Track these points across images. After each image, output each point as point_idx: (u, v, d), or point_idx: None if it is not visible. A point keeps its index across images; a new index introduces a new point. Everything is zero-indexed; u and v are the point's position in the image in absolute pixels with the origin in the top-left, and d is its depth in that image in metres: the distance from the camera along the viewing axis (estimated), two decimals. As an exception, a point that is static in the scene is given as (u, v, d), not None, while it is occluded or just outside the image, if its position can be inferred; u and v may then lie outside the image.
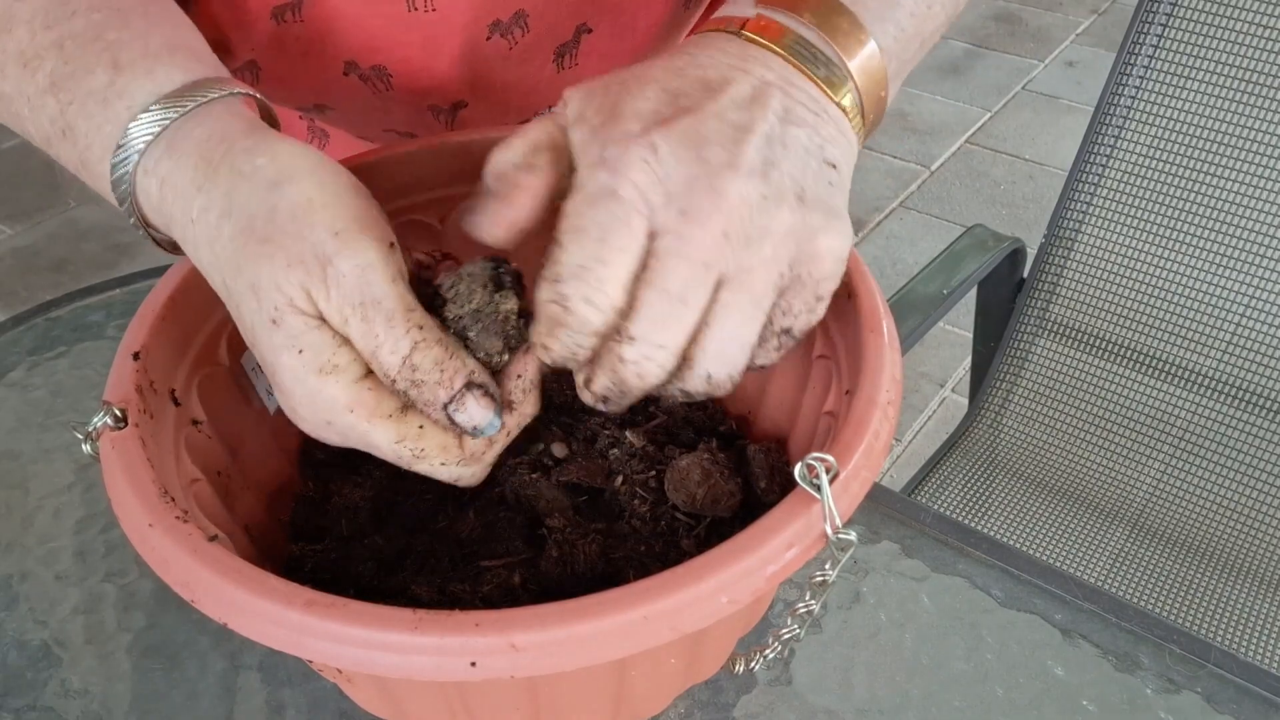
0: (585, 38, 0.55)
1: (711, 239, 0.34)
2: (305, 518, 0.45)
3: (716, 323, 0.35)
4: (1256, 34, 0.93)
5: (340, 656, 0.30)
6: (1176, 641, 0.48)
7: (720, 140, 0.34)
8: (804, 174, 0.35)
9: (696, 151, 0.34)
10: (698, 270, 0.34)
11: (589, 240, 0.33)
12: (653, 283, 0.34)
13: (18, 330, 0.69)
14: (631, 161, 0.34)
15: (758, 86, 0.36)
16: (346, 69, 0.52)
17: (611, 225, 0.33)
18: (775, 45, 0.37)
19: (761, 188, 0.34)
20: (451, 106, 0.56)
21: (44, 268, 2.04)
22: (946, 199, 2.27)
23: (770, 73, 0.37)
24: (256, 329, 0.35)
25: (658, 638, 0.30)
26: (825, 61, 0.37)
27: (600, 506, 0.44)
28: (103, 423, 0.36)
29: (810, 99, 0.37)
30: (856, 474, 0.34)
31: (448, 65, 0.53)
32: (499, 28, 0.52)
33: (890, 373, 0.38)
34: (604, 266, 0.33)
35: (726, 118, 0.35)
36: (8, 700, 0.47)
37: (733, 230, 0.34)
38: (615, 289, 0.34)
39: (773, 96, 0.36)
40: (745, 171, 0.34)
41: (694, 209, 0.33)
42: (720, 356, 0.35)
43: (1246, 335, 0.98)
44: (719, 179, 0.34)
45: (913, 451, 1.72)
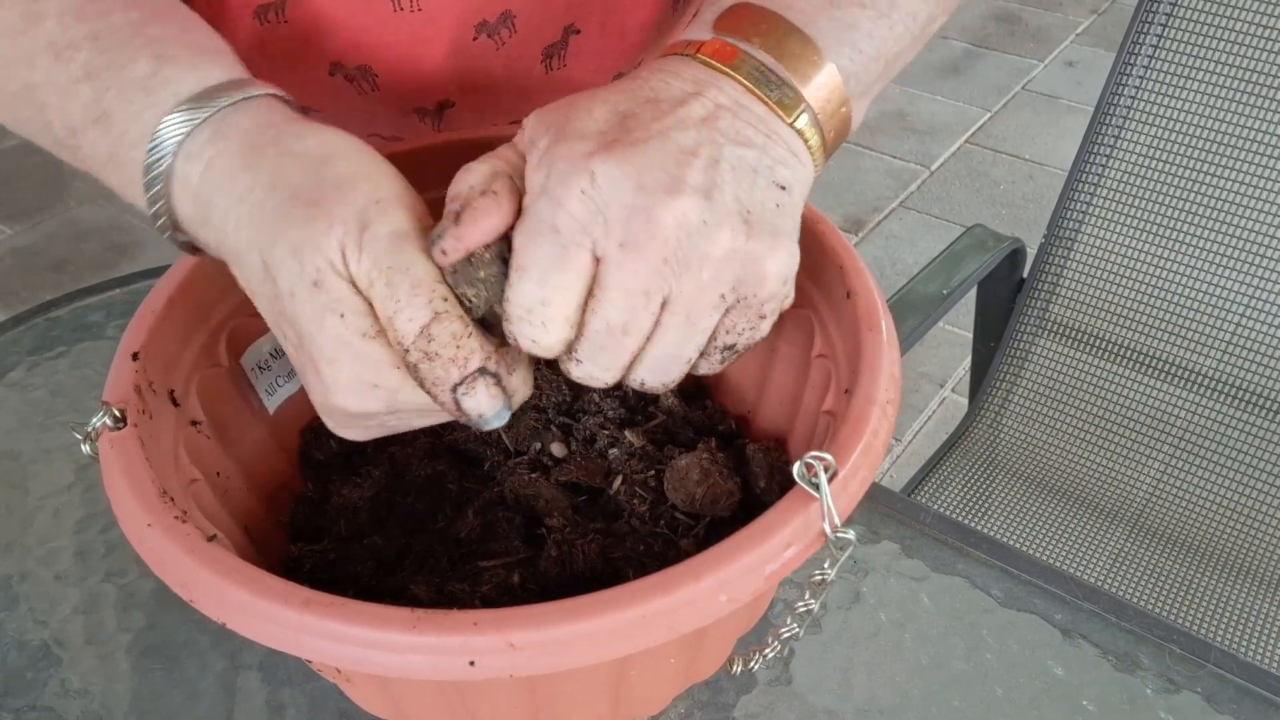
0: (574, 39, 0.55)
1: (649, 268, 0.34)
2: (304, 518, 0.45)
3: (654, 340, 0.36)
4: (1256, 34, 0.93)
5: (339, 656, 0.30)
6: (1176, 641, 0.48)
7: (662, 165, 0.34)
8: (750, 196, 0.36)
9: (636, 179, 0.34)
10: (637, 300, 0.35)
11: (531, 281, 0.35)
12: (596, 312, 0.35)
13: (18, 330, 0.69)
14: (570, 193, 0.34)
15: (709, 109, 0.36)
16: (332, 69, 0.52)
17: (551, 263, 0.34)
18: (729, 69, 0.38)
19: (703, 212, 0.34)
20: (437, 107, 0.56)
21: (44, 268, 2.04)
22: (946, 199, 2.27)
23: (722, 95, 0.37)
24: (297, 294, 0.34)
25: (656, 637, 0.30)
26: (778, 84, 0.38)
27: (599, 506, 0.44)
28: (102, 423, 0.36)
29: (760, 120, 0.37)
30: (855, 473, 0.34)
31: (434, 65, 0.53)
32: (485, 28, 0.52)
33: (889, 371, 0.38)
34: (546, 308, 0.35)
35: (671, 140, 0.35)
36: (8, 700, 0.47)
37: (671, 256, 0.34)
38: (560, 328, 0.35)
39: (721, 119, 0.36)
40: (686, 194, 0.34)
41: (631, 240, 0.34)
42: (655, 369, 0.37)
43: (1246, 335, 0.98)
44: (656, 207, 0.34)
45: (912, 451, 1.72)
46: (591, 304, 0.35)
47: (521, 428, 0.45)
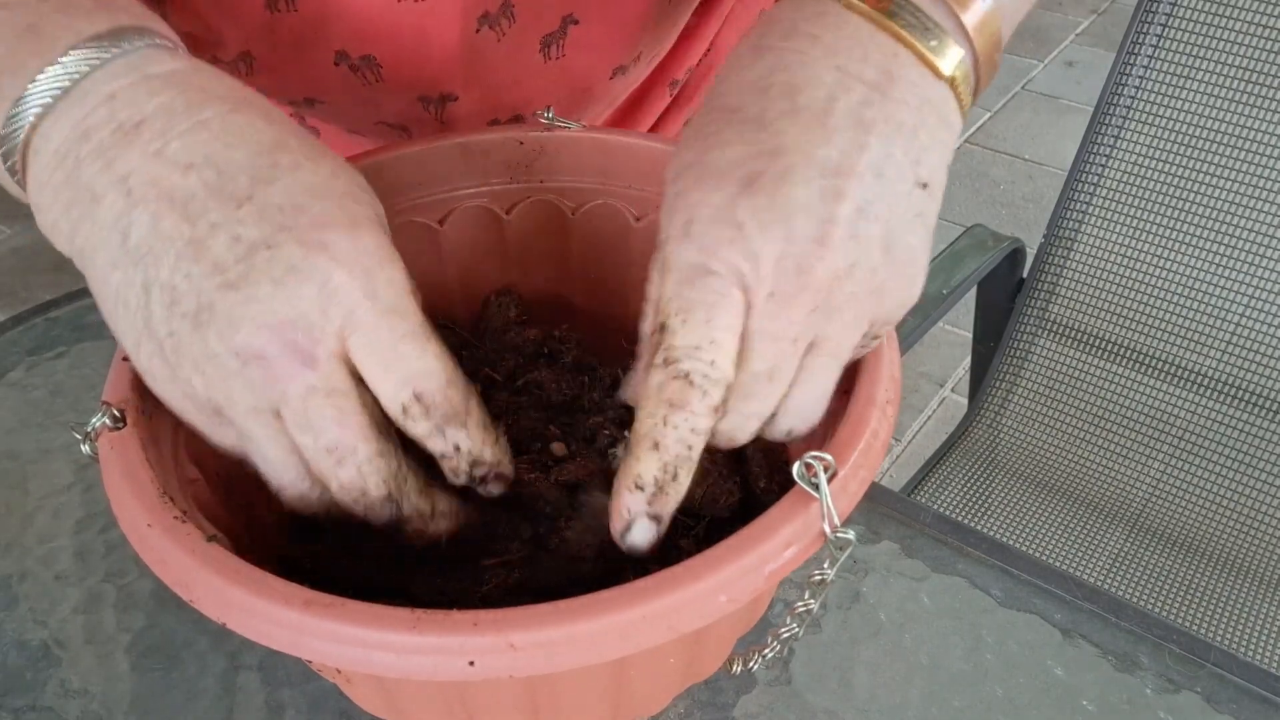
0: (572, 28, 0.55)
1: (799, 317, 0.33)
2: (304, 518, 0.45)
3: (801, 385, 0.35)
4: (1256, 34, 0.93)
5: (339, 656, 0.30)
6: (1176, 641, 0.48)
7: (807, 205, 0.32)
8: (892, 212, 0.33)
9: (785, 228, 0.32)
10: (785, 348, 0.34)
11: (697, 322, 0.33)
12: (744, 361, 0.34)
13: (17, 330, 0.69)
14: (718, 241, 0.33)
15: (854, 101, 0.33)
16: (337, 59, 0.52)
17: (716, 303, 0.33)
18: (882, 16, 0.34)
19: (852, 254, 0.33)
20: (440, 98, 0.56)
21: (44, 268, 2.04)
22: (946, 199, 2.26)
23: (869, 68, 0.33)
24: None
25: (656, 637, 0.30)
26: (935, 28, 0.34)
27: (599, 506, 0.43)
28: (101, 423, 0.36)
29: (912, 88, 0.34)
30: (855, 473, 0.34)
31: (437, 56, 0.53)
32: (487, 19, 0.52)
33: (889, 372, 0.38)
34: (716, 348, 0.33)
35: (815, 162, 0.33)
36: (8, 700, 0.47)
37: (820, 304, 0.33)
38: (727, 365, 0.34)
39: (869, 109, 0.33)
40: (836, 242, 0.32)
41: (781, 291, 0.33)
42: (801, 413, 0.36)
43: (1246, 335, 0.98)
44: (808, 258, 0.32)
45: (912, 451, 1.72)
46: (741, 354, 0.34)
47: (522, 427, 0.45)
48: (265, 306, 0.32)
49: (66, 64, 0.33)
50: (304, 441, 0.34)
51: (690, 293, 0.33)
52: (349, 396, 0.34)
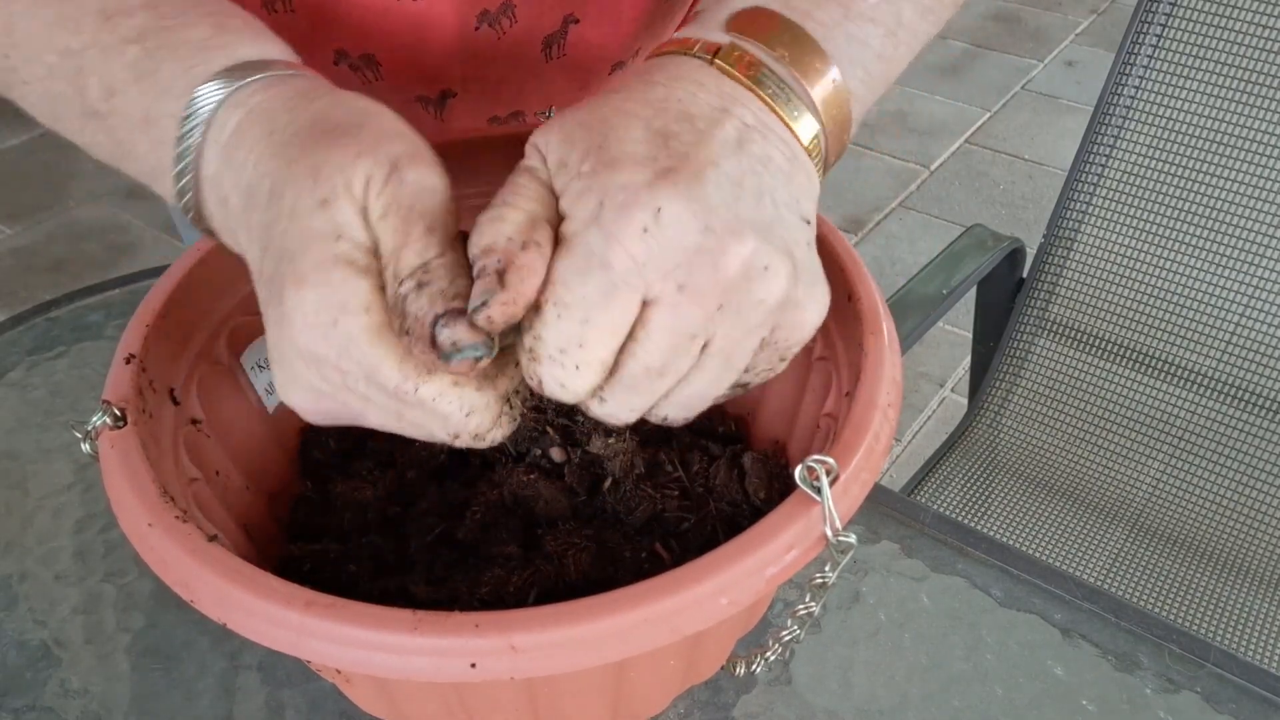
0: (573, 28, 0.55)
1: (704, 313, 0.32)
2: (304, 517, 0.45)
3: (688, 379, 0.34)
4: (1256, 34, 0.93)
5: (339, 657, 0.30)
6: (1176, 641, 0.48)
7: (723, 202, 0.32)
8: (790, 235, 0.34)
9: (704, 219, 0.32)
10: (683, 343, 0.32)
11: (573, 320, 0.32)
12: (635, 354, 0.33)
13: (17, 330, 0.69)
14: (629, 228, 0.31)
15: (739, 131, 0.34)
16: (337, 58, 0.52)
17: (599, 305, 0.32)
18: (750, 82, 0.35)
19: (765, 256, 0.32)
20: (440, 96, 0.56)
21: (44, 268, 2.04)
22: (946, 199, 2.27)
23: (748, 114, 0.35)
24: (298, 212, 0.32)
25: (657, 639, 0.30)
26: (798, 103, 0.36)
27: (598, 507, 0.43)
28: (102, 422, 0.36)
29: (783, 144, 0.35)
30: (856, 476, 0.34)
31: (437, 54, 0.53)
32: (487, 18, 0.52)
33: (890, 375, 0.38)
34: (583, 350, 0.32)
35: (722, 171, 0.33)
36: (8, 700, 0.47)
37: (728, 302, 0.32)
38: (592, 375, 0.33)
39: (753, 143, 0.34)
40: (749, 237, 0.32)
41: (693, 285, 0.32)
42: (683, 405, 0.35)
43: (1246, 335, 0.98)
44: (725, 253, 0.32)
45: (912, 451, 1.72)
46: (630, 346, 0.32)
47: (520, 431, 0.45)
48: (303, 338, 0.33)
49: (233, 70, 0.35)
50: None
51: (577, 284, 0.32)
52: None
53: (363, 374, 0.32)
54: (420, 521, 0.43)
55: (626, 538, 0.41)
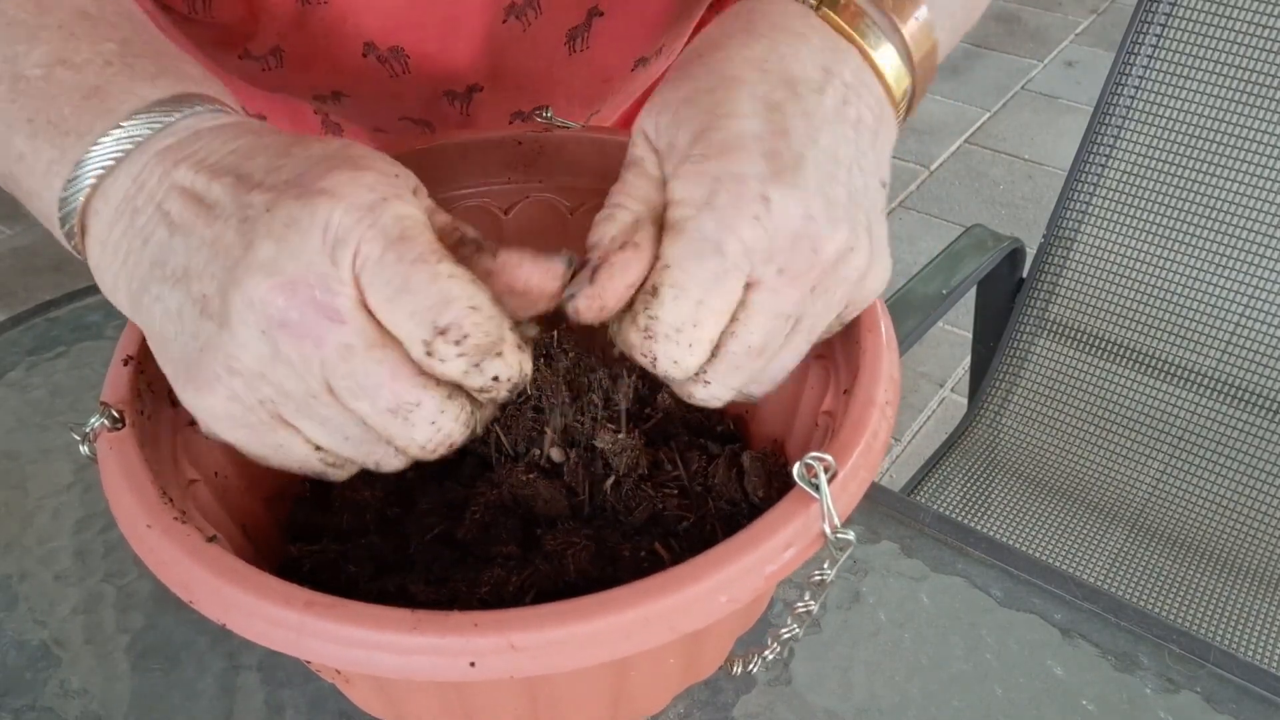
0: (596, 20, 0.55)
1: (800, 295, 0.34)
2: (303, 518, 0.45)
3: (778, 357, 0.36)
4: (1256, 34, 0.93)
5: (339, 657, 0.30)
6: (1176, 641, 0.48)
7: (820, 187, 0.34)
8: (870, 202, 0.36)
9: (805, 207, 0.33)
10: (780, 323, 0.34)
11: (688, 301, 0.33)
12: (738, 334, 0.34)
13: (17, 330, 0.69)
14: (742, 217, 0.33)
15: (840, 95, 0.35)
16: (365, 50, 0.53)
17: (713, 287, 0.33)
18: (853, 33, 0.36)
19: (851, 239, 0.34)
20: (467, 90, 0.57)
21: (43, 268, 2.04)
22: (946, 199, 2.27)
23: (848, 71, 0.36)
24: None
25: (657, 638, 0.30)
26: (893, 54, 0.37)
27: (597, 507, 0.43)
28: (100, 424, 0.36)
29: (877, 102, 0.37)
30: (855, 474, 0.34)
31: (464, 47, 0.53)
32: (514, 10, 0.52)
33: (888, 373, 0.38)
34: (697, 330, 0.34)
35: (823, 150, 0.34)
36: (7, 700, 0.47)
37: (820, 283, 0.34)
38: (702, 352, 0.34)
39: (850, 106, 0.36)
40: (844, 223, 0.34)
41: (792, 268, 0.33)
42: (769, 382, 0.37)
43: (1246, 335, 0.98)
44: (822, 238, 0.34)
45: (912, 451, 1.72)
46: (733, 327, 0.34)
47: (519, 431, 0.45)
48: (271, 267, 0.30)
49: (128, 128, 0.33)
50: (362, 409, 0.31)
51: (693, 267, 0.33)
52: (392, 347, 0.31)
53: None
54: (420, 522, 0.43)
55: (626, 537, 0.41)
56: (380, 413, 0.31)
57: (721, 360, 0.35)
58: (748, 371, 0.35)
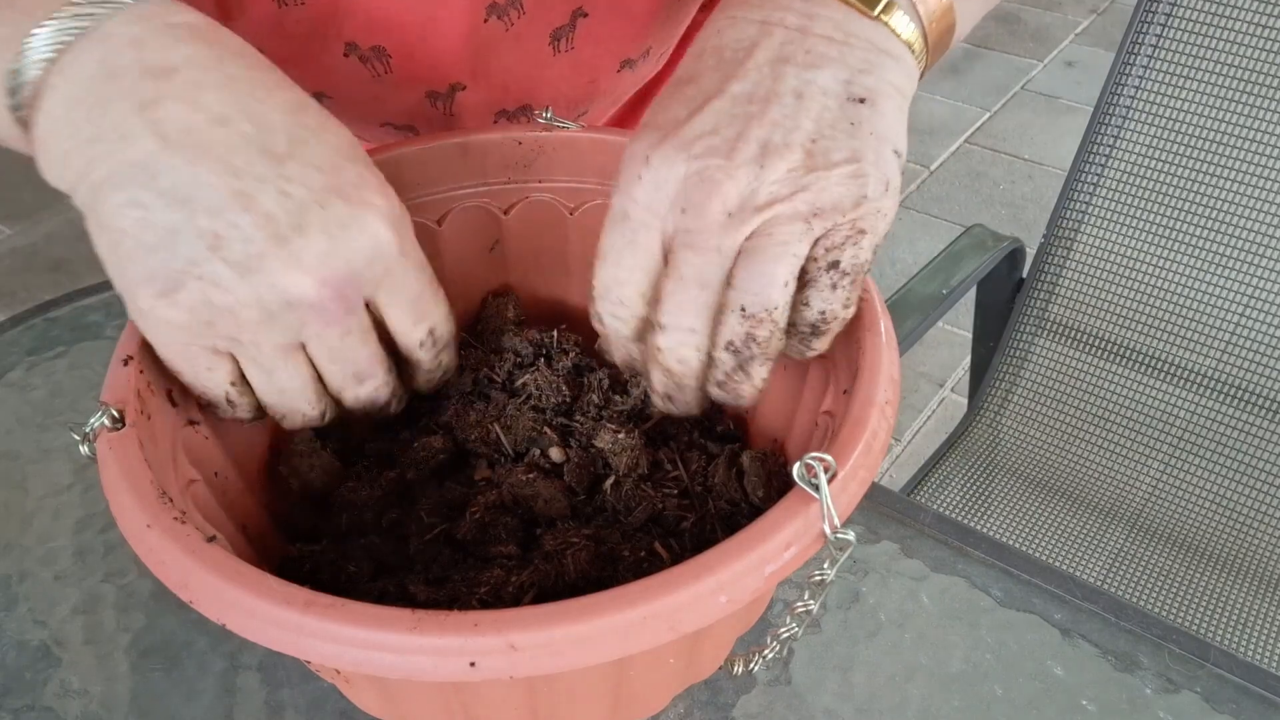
0: (581, 21, 0.56)
1: (714, 223, 0.35)
2: (302, 519, 0.45)
3: (740, 265, 0.36)
4: (1256, 34, 0.93)
5: (339, 657, 0.30)
6: (1175, 641, 0.48)
7: (715, 127, 0.36)
8: (817, 123, 0.36)
9: (686, 150, 0.36)
10: (708, 255, 0.36)
11: (609, 264, 0.38)
12: (670, 274, 0.37)
13: (16, 330, 0.69)
14: (631, 180, 0.37)
15: (776, 45, 0.37)
16: (347, 50, 0.52)
17: (623, 248, 0.38)
18: None
19: (759, 159, 0.35)
20: (449, 89, 0.57)
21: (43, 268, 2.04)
22: (945, 199, 2.27)
23: (790, 14, 0.37)
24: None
25: (656, 638, 0.30)
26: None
27: (597, 507, 0.43)
28: (100, 424, 0.36)
29: (835, 26, 0.37)
30: (855, 474, 0.34)
31: (446, 46, 0.53)
32: (495, 9, 0.52)
33: (888, 372, 0.37)
34: (620, 286, 0.38)
35: (729, 97, 0.36)
36: (7, 700, 0.47)
37: (734, 208, 0.35)
38: (635, 303, 0.38)
39: (790, 46, 0.36)
40: (738, 152, 0.35)
41: (690, 203, 0.36)
42: (749, 289, 0.36)
43: (1246, 335, 0.98)
44: (708, 169, 0.35)
45: (912, 451, 1.72)
46: (665, 270, 0.37)
47: (519, 430, 0.45)
48: (321, 259, 0.35)
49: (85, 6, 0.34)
50: (331, 370, 0.39)
51: (608, 238, 0.38)
52: (372, 332, 0.39)
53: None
54: (420, 522, 0.43)
55: (626, 537, 0.41)
56: (346, 376, 0.39)
57: (665, 299, 0.37)
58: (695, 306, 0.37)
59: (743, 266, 0.36)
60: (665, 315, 0.37)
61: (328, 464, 0.45)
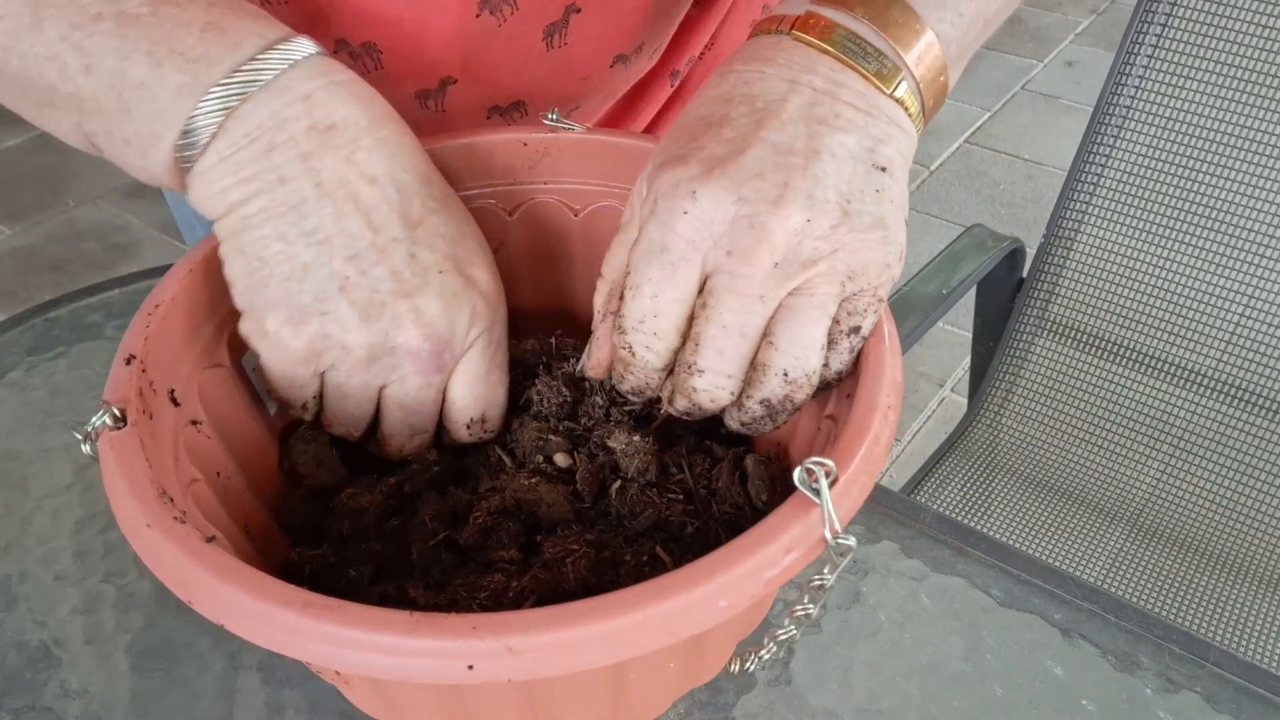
0: (574, 17, 0.56)
1: (761, 272, 0.36)
2: (304, 522, 0.45)
3: (784, 323, 0.37)
4: (1256, 34, 0.93)
5: (337, 659, 0.30)
6: (1176, 641, 0.48)
7: (761, 173, 0.36)
8: (850, 185, 0.37)
9: (737, 192, 0.36)
10: (751, 303, 0.36)
11: (644, 297, 0.38)
12: (710, 318, 0.37)
13: (16, 331, 0.69)
14: (675, 213, 0.37)
15: (805, 100, 0.37)
16: (337, 46, 0.52)
17: (663, 280, 0.37)
18: (823, 43, 0.38)
19: (807, 212, 0.36)
20: (440, 84, 0.56)
21: (43, 268, 2.04)
22: (946, 199, 2.27)
23: (818, 78, 0.38)
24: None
25: (655, 641, 0.30)
26: (876, 55, 0.38)
27: (600, 510, 0.43)
28: (101, 423, 0.36)
29: (859, 96, 0.38)
30: (856, 479, 0.34)
31: (438, 42, 0.53)
32: (488, 4, 0.53)
33: (890, 377, 0.37)
34: (658, 320, 0.38)
35: (768, 145, 0.36)
36: (7, 700, 0.47)
37: (781, 259, 0.36)
38: (670, 336, 0.38)
39: (819, 106, 0.37)
40: (789, 202, 0.35)
41: (738, 247, 0.36)
42: (792, 353, 0.37)
43: (1246, 335, 0.98)
44: (759, 215, 0.36)
45: (912, 451, 1.72)
46: (705, 312, 0.37)
47: (524, 440, 0.45)
48: (433, 318, 0.40)
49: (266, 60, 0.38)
50: (396, 415, 0.42)
51: (645, 267, 0.38)
52: (440, 392, 0.42)
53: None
54: (423, 528, 0.43)
55: (629, 541, 0.41)
56: (406, 417, 0.42)
57: (703, 344, 0.37)
58: (734, 354, 0.37)
59: (784, 326, 0.37)
60: (704, 360, 0.38)
61: (327, 456, 0.45)
